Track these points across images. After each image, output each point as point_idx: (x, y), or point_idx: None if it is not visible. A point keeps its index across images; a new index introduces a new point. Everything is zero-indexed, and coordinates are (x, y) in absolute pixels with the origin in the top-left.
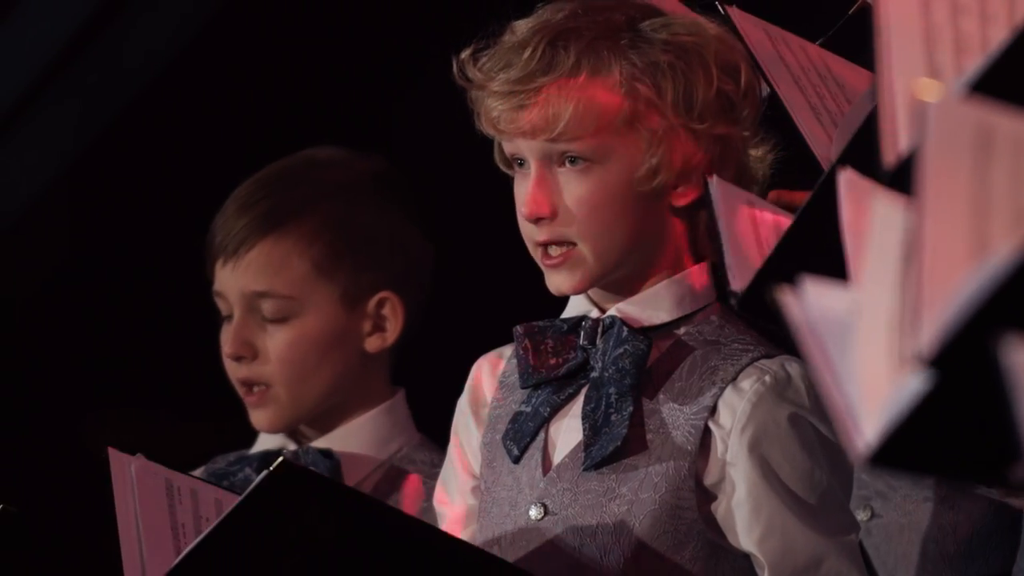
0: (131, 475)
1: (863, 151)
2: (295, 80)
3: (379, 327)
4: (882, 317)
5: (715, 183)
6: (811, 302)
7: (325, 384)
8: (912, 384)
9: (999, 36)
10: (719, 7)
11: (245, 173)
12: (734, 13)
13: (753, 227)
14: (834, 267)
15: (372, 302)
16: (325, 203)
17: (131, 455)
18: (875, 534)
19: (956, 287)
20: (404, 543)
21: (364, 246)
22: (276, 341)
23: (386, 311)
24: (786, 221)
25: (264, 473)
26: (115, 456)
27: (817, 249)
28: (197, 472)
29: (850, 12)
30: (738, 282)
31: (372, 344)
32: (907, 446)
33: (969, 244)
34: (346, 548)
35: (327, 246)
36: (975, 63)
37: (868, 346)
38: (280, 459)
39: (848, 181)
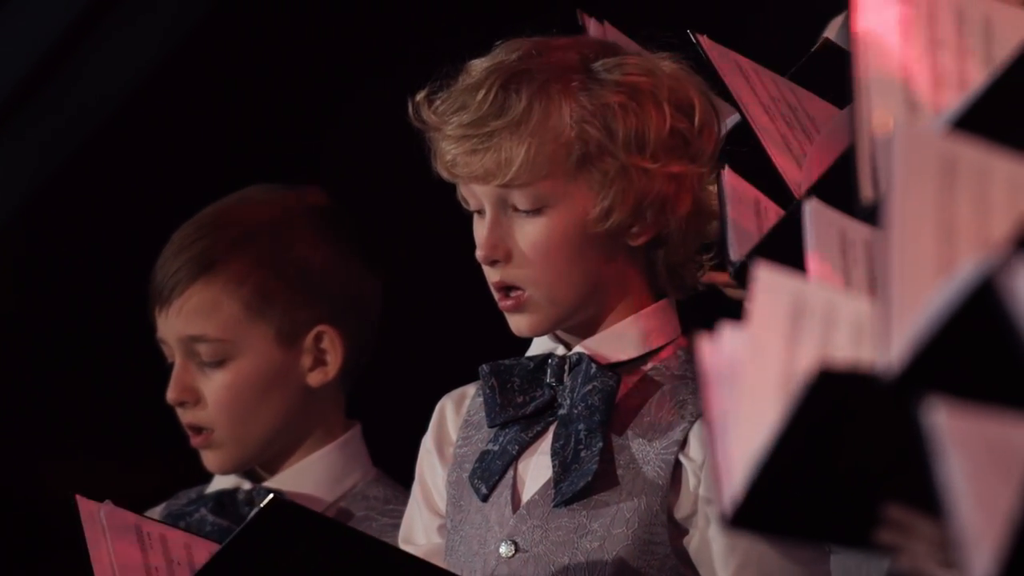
0: (102, 521)
1: (837, 182)
2: (245, 118)
3: (320, 361)
4: (770, 377)
5: (726, 175)
6: (719, 351)
7: (269, 423)
8: (764, 443)
9: (976, 71)
10: (691, 36)
11: (193, 214)
12: (705, 42)
13: (757, 216)
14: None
15: (310, 337)
16: (255, 242)
17: (99, 502)
18: (834, 570)
19: (924, 307)
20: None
21: (298, 281)
22: (214, 385)
23: (325, 345)
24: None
25: (256, 510)
26: (83, 503)
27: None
28: (159, 508)
29: (813, 50)
30: (737, 253)
31: (314, 379)
32: (766, 507)
33: (936, 267)
34: None
35: (257, 285)
36: (952, 98)
37: (752, 405)
38: (271, 496)
39: (812, 210)
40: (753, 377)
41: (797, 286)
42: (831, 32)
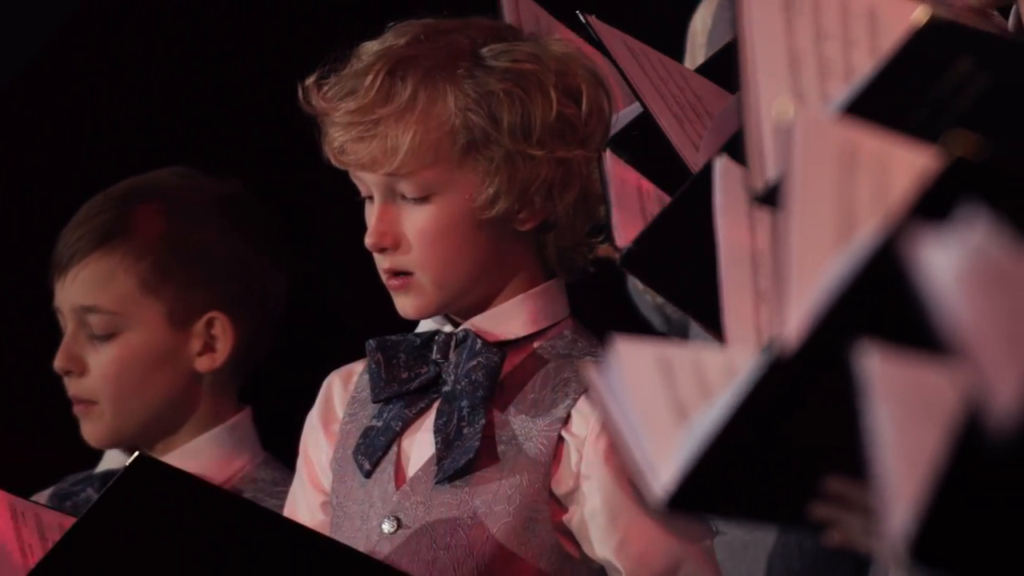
0: None
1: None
2: (170, 100)
3: (209, 347)
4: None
5: (608, 159)
6: (613, 366)
7: (152, 401)
8: (702, 424)
9: (862, 61)
10: (581, 17)
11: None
12: (595, 23)
13: (640, 199)
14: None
15: (201, 321)
16: (160, 220)
17: None
18: (720, 551)
19: (822, 283)
20: (263, 536)
21: (197, 265)
22: (102, 357)
23: (216, 331)
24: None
25: (123, 467)
26: None
27: (690, 233)
28: (47, 492)
29: (724, 45)
30: (623, 239)
31: (202, 364)
32: (702, 487)
33: (834, 251)
34: (207, 542)
35: (155, 262)
36: (839, 88)
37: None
38: (136, 454)
39: (723, 167)
40: (643, 417)
41: (658, 350)
42: (698, 19)
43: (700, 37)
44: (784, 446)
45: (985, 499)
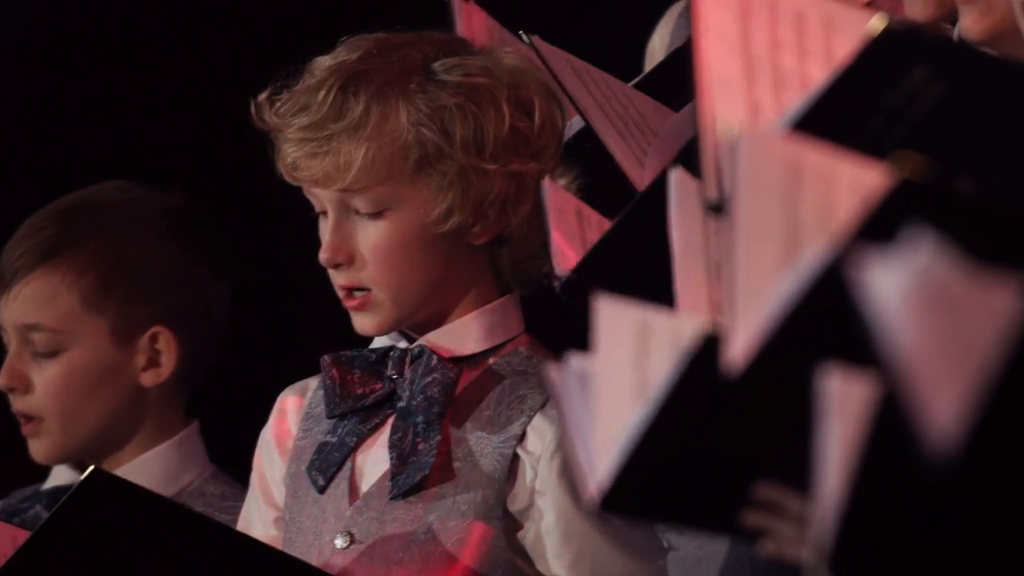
0: None
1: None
2: (114, 112)
3: (154, 362)
4: (623, 386)
5: (546, 185)
6: (570, 369)
7: (97, 417)
8: (632, 429)
9: (817, 72)
10: (523, 37)
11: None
12: (538, 43)
13: (580, 226)
14: (651, 266)
15: (145, 337)
16: (102, 235)
17: None
18: (673, 567)
19: (768, 305)
20: (218, 550)
21: (138, 280)
22: (46, 374)
23: (160, 346)
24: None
25: (78, 481)
26: None
27: (637, 250)
28: None
29: (661, 61)
30: (562, 267)
31: (147, 379)
32: (634, 491)
33: (780, 269)
34: (162, 556)
35: (97, 279)
36: (794, 99)
37: (608, 407)
38: (91, 468)
39: (678, 178)
40: (606, 391)
41: (639, 312)
42: (657, 37)
43: (659, 55)
44: (716, 452)
45: (918, 518)
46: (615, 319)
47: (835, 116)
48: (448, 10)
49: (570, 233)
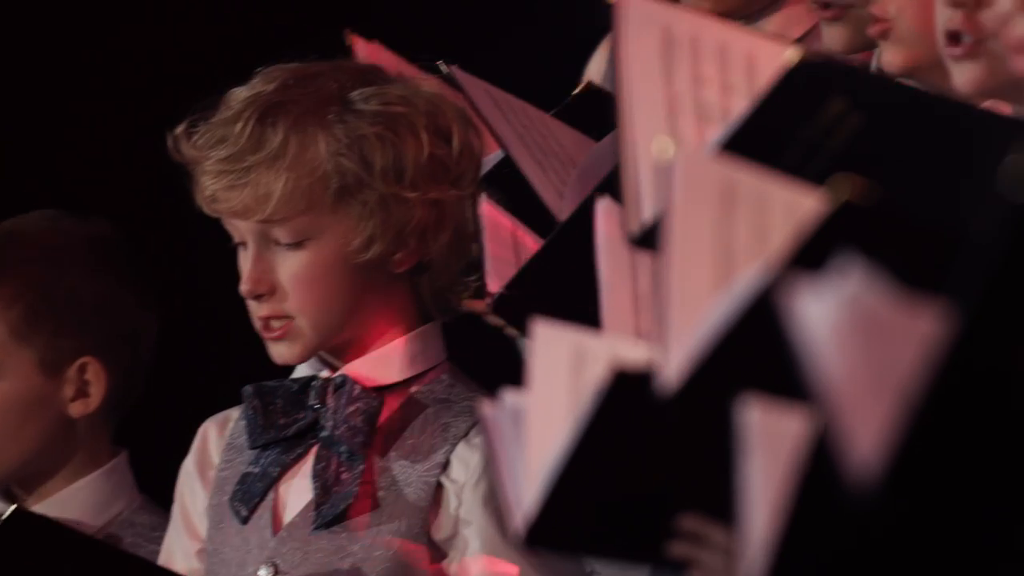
0: None
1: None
2: (38, 142)
3: (83, 392)
4: (554, 419)
5: (483, 204)
6: (503, 405)
7: (27, 448)
8: (556, 461)
9: (739, 106)
10: (442, 67)
11: None
12: (456, 73)
13: (513, 244)
14: (578, 289)
15: (73, 367)
16: (29, 266)
17: None
18: None
19: (701, 327)
20: None
21: (66, 310)
22: None
23: (89, 376)
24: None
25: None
26: None
27: (568, 269)
28: None
29: (575, 93)
30: (494, 285)
31: (76, 409)
32: (559, 524)
33: (714, 291)
34: None
35: (25, 310)
36: (716, 133)
37: (542, 434)
38: (14, 506)
39: (605, 208)
40: (539, 422)
41: (576, 337)
42: (594, 65)
43: (595, 81)
44: (642, 482)
45: (847, 549)
46: (551, 344)
47: (753, 147)
48: (351, 53)
49: (504, 252)
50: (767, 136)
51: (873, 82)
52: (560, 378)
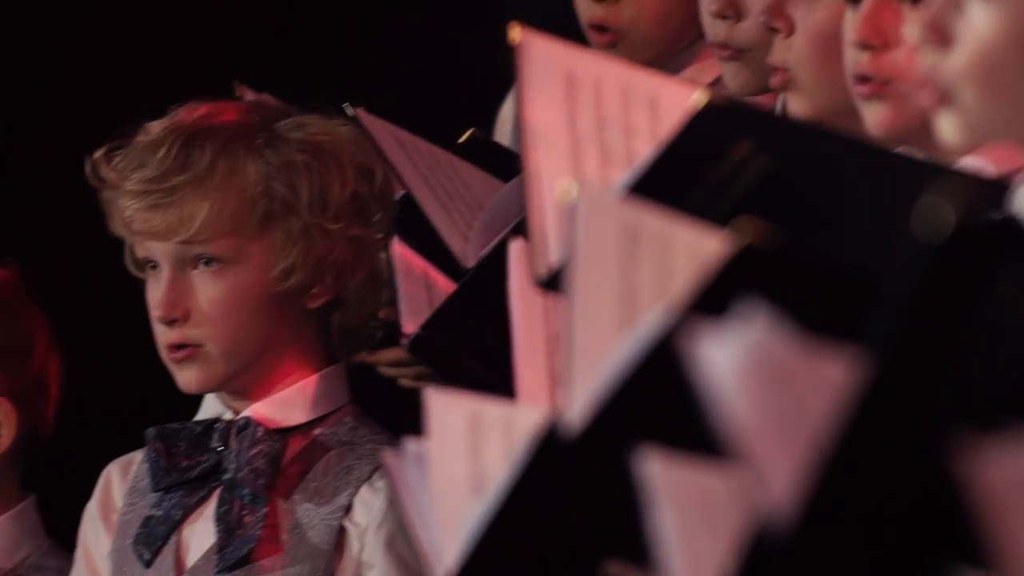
0: None
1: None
2: None
3: None
4: (459, 478)
5: (396, 247)
6: (406, 453)
7: None
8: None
9: (643, 148)
10: (347, 109)
11: None
12: (362, 115)
13: (426, 287)
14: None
15: None
16: None
17: None
18: None
19: (604, 370)
20: None
21: None
22: None
23: None
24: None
25: None
26: None
27: (480, 313)
28: None
29: (460, 141)
30: (409, 326)
31: None
32: (485, 571)
33: (617, 333)
34: None
35: None
36: (620, 175)
37: (446, 499)
38: None
39: (517, 248)
40: (442, 483)
41: (471, 405)
42: (507, 107)
43: (507, 125)
44: (564, 533)
45: None
46: (446, 411)
47: (659, 190)
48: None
49: (417, 294)
50: (674, 179)
51: (781, 125)
52: (458, 445)
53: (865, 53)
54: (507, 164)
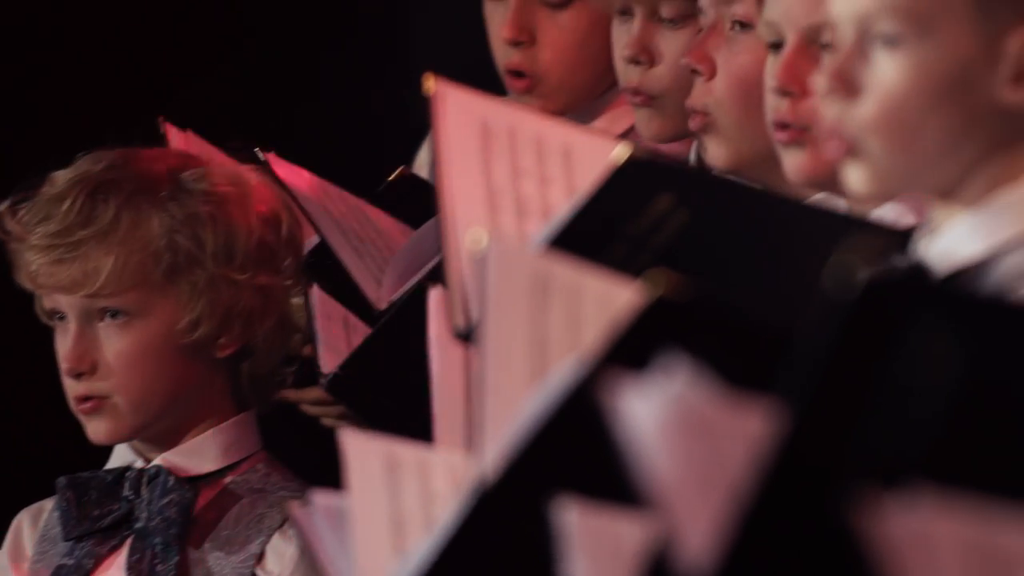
0: None
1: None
2: None
3: None
4: (379, 523)
5: (314, 292)
6: (314, 505)
7: None
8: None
9: (559, 199)
10: (258, 154)
11: None
12: (273, 160)
13: (344, 329)
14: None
15: None
16: None
17: None
18: None
19: (516, 418)
20: None
21: None
22: None
23: None
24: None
25: None
26: None
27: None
28: None
29: (390, 179)
30: (327, 367)
31: None
32: None
33: (528, 381)
34: None
35: None
36: (536, 226)
37: (366, 544)
38: None
39: (437, 296)
40: (362, 529)
41: (387, 447)
42: (423, 155)
43: (423, 171)
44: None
45: None
46: (362, 454)
47: (579, 244)
48: (166, 141)
49: (336, 336)
50: (594, 233)
51: (700, 179)
52: (375, 487)
53: (784, 99)
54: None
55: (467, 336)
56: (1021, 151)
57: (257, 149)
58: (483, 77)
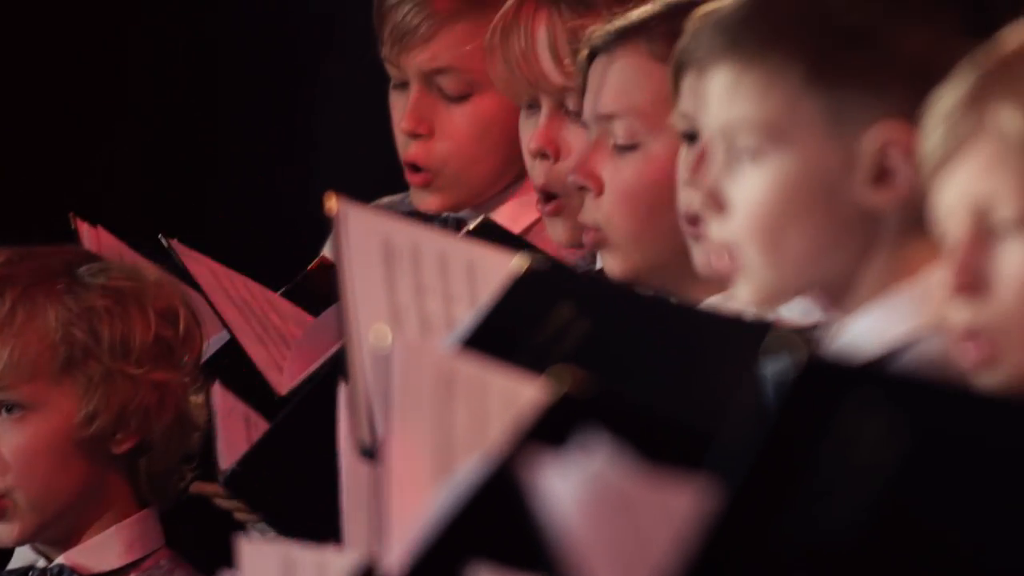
0: None
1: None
2: None
3: None
4: None
5: (216, 390)
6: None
7: None
8: None
9: (462, 315)
10: (163, 241)
11: None
12: (177, 247)
13: (245, 426)
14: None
15: None
16: None
17: None
18: None
19: (421, 514)
20: None
21: None
22: None
23: None
24: None
25: None
26: None
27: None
28: None
29: (309, 268)
30: (226, 462)
31: None
32: None
33: (434, 476)
34: None
35: None
36: (440, 342)
37: None
38: None
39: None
40: None
41: (283, 550)
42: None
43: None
44: None
45: None
46: (258, 558)
47: (483, 354)
48: (76, 238)
49: (236, 432)
50: (497, 342)
51: (598, 288)
52: None
53: (694, 194)
54: None
55: (370, 455)
56: (915, 247)
57: (161, 235)
58: (390, 168)
